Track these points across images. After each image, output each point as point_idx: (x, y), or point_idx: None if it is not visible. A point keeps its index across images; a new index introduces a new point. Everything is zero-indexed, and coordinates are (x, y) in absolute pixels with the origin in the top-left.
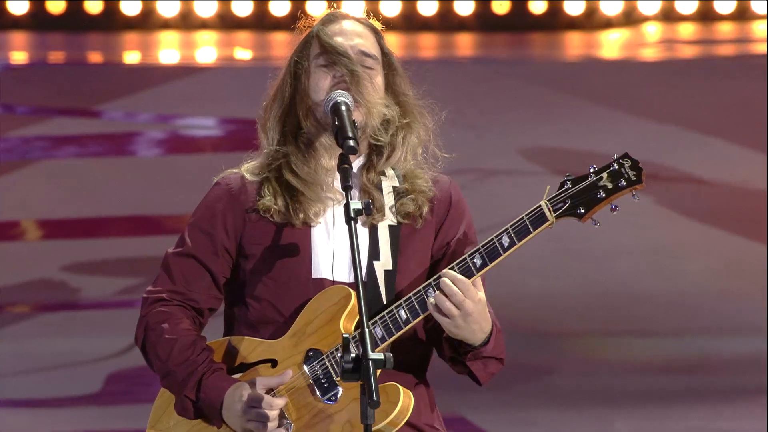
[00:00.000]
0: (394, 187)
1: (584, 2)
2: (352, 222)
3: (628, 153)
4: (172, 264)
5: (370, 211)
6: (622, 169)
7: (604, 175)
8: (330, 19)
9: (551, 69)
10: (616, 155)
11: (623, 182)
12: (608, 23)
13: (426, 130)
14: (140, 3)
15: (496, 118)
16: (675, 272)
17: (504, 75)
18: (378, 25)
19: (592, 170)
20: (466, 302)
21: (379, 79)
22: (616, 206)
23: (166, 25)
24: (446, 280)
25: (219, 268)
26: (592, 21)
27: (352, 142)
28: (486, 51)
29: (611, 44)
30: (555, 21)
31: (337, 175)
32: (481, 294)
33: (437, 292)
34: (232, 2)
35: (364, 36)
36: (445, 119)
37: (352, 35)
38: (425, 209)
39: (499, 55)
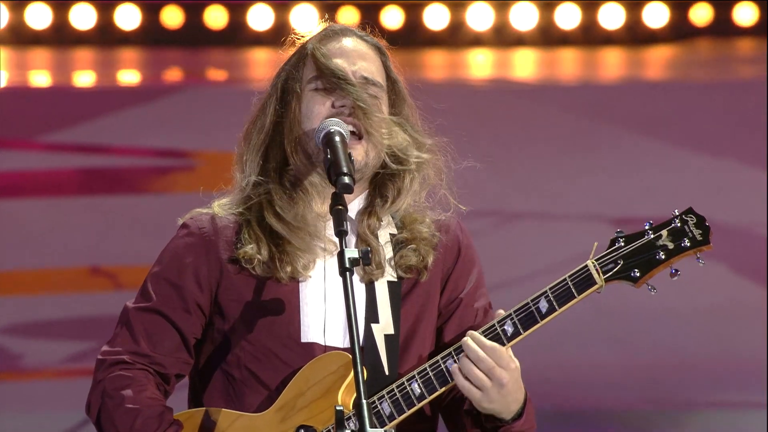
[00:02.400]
0: (391, 235)
1: (624, 13)
2: (348, 274)
3: (692, 208)
4: (135, 320)
5: (369, 260)
6: (686, 227)
7: (664, 232)
8: (328, 35)
9: (584, 92)
10: (677, 210)
11: (686, 242)
12: (652, 37)
13: (437, 171)
14: (51, 13)
15: (519, 150)
16: (734, 338)
17: (527, 99)
18: (384, 44)
19: (648, 227)
20: (497, 370)
21: (383, 110)
22: (676, 270)
23: (126, 40)
24: (470, 342)
25: (190, 327)
26: (631, 35)
27: (347, 179)
28: (505, 70)
29: (655, 63)
30: (591, 35)
31: (326, 212)
32: (516, 361)
33: (463, 358)
34: (205, 12)
35: (369, 58)
36: (459, 154)
37: (355, 57)
38: (430, 259)
39: (523, 76)
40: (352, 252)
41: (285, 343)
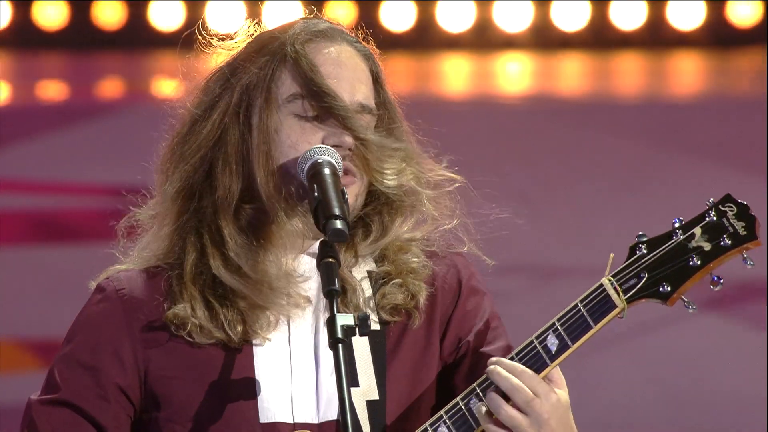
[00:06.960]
0: (369, 272)
1: (705, 9)
2: (341, 346)
3: (731, 194)
4: (39, 418)
5: (367, 328)
6: (724, 221)
7: (697, 231)
8: (315, 34)
9: (640, 111)
10: (712, 199)
11: (727, 240)
12: (736, 39)
13: (450, 209)
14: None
15: (558, 187)
16: None
17: (567, 119)
18: (375, 52)
19: (677, 224)
20: (537, 402)
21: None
22: (719, 278)
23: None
24: (499, 369)
25: (110, 420)
26: (711, 35)
27: (339, 224)
28: (544, 81)
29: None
30: (658, 36)
31: (298, 269)
32: (561, 392)
33: (490, 392)
34: (150, 7)
35: (364, 77)
36: (477, 193)
37: (351, 77)
38: (422, 297)
39: (560, 89)
40: (345, 318)
41: (240, 427)
